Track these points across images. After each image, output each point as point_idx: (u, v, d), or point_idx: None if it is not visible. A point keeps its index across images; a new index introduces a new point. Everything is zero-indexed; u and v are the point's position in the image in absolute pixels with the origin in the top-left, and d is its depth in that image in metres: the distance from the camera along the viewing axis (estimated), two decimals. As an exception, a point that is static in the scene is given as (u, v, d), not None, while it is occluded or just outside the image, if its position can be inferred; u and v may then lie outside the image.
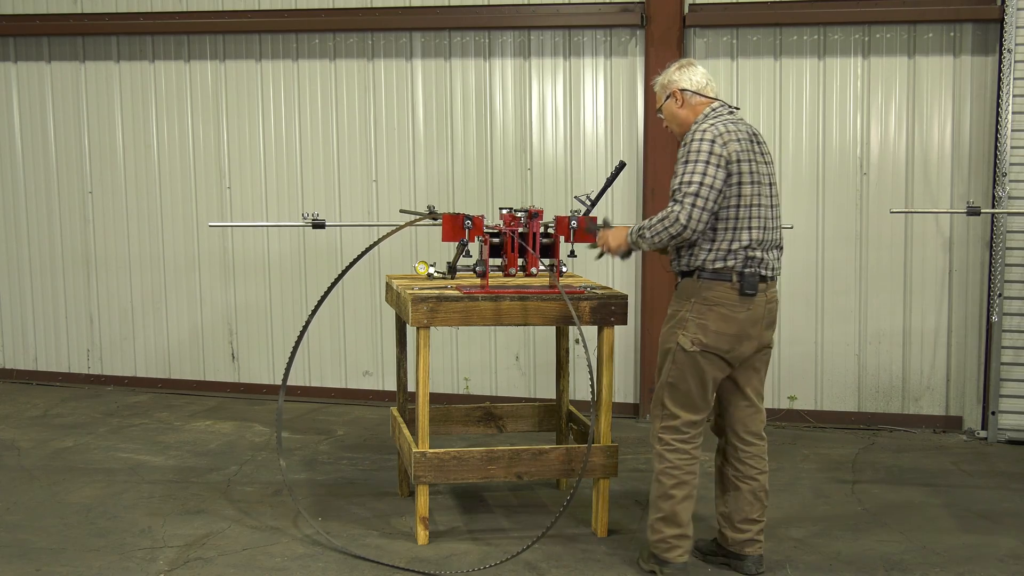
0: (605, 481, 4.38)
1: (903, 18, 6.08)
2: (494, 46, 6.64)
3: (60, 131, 7.29)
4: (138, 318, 7.31)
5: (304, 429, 6.27)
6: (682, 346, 3.77)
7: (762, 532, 3.97)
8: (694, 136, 3.72)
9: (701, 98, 3.88)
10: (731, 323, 3.73)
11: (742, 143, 3.72)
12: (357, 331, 7.00)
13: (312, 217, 5.00)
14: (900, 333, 6.26)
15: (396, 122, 6.80)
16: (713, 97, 3.90)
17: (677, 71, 3.93)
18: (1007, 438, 6.00)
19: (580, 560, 4.14)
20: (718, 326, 3.73)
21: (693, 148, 3.68)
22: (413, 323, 4.15)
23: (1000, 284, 5.92)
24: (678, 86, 3.89)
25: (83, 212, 7.31)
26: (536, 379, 6.75)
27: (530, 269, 4.42)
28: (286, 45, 6.89)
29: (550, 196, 6.52)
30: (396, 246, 6.72)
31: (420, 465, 4.22)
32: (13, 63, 7.30)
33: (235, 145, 7.03)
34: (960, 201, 6.03)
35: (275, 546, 4.28)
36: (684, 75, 3.90)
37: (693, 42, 6.34)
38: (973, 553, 4.23)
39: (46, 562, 4.09)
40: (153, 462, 5.52)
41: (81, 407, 6.80)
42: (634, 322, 6.52)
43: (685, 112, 3.90)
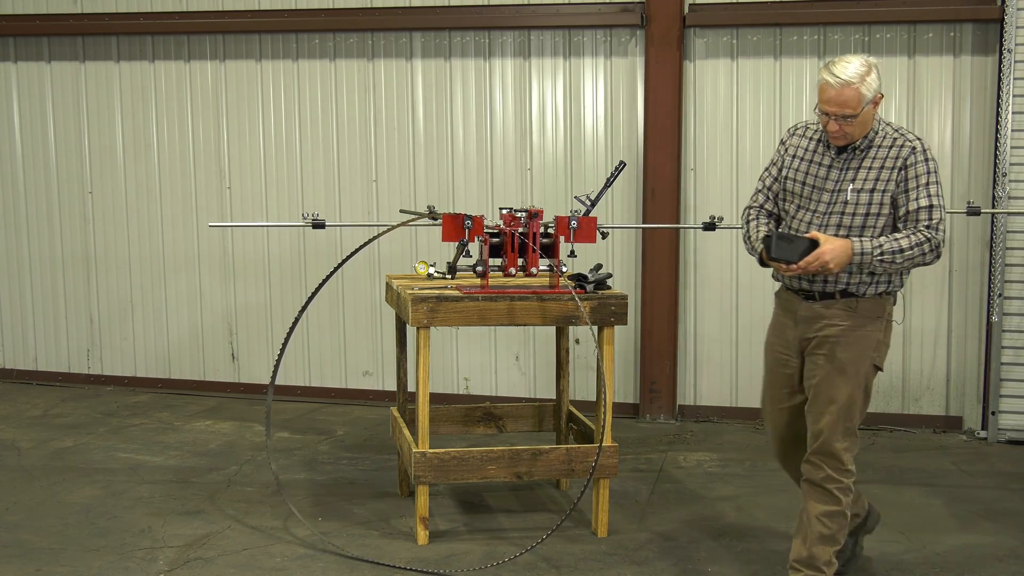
0: (605, 481, 4.38)
1: (903, 18, 6.08)
2: (494, 46, 6.64)
3: (60, 131, 7.29)
4: (138, 318, 7.31)
5: (304, 429, 6.27)
6: (879, 368, 3.63)
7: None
8: (926, 155, 3.50)
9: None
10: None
11: None
12: (357, 331, 6.99)
13: (312, 217, 5.00)
14: (900, 333, 6.26)
15: (396, 122, 6.80)
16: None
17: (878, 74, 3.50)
18: (1007, 438, 6.00)
19: (580, 560, 4.14)
20: (889, 340, 3.67)
21: (931, 168, 3.49)
22: (413, 323, 4.15)
23: (1000, 284, 5.92)
24: (880, 92, 3.52)
25: (83, 212, 7.31)
26: (536, 379, 6.75)
27: (530, 269, 4.42)
28: (286, 45, 6.89)
29: (550, 196, 6.52)
30: (396, 246, 6.72)
31: (420, 465, 4.22)
32: (13, 63, 7.30)
33: (235, 145, 7.03)
34: (960, 201, 6.02)
35: (275, 546, 4.28)
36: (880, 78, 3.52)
37: (693, 42, 6.34)
38: (973, 553, 4.23)
39: (46, 562, 4.09)
40: (153, 462, 5.52)
41: (81, 407, 6.80)
42: (634, 322, 6.52)
43: (872, 119, 3.56)
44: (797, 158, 3.72)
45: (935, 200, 3.47)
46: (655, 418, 6.51)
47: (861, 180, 3.54)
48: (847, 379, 3.56)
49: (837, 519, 3.61)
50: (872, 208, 3.52)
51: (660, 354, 6.46)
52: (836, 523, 3.61)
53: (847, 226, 3.54)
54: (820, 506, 3.61)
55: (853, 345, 3.56)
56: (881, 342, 3.61)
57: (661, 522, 4.61)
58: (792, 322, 3.69)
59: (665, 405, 6.50)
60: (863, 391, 3.60)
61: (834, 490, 3.59)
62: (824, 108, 3.50)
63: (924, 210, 3.47)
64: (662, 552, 4.25)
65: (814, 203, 3.63)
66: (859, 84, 3.43)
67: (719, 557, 4.18)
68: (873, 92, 3.47)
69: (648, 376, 6.50)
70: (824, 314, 3.59)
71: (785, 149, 3.78)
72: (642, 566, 4.10)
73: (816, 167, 3.65)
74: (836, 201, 3.57)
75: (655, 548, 4.29)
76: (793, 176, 3.71)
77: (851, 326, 3.57)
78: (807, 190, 3.65)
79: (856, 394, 3.58)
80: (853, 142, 3.56)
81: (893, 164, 3.51)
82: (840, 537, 3.63)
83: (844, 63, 3.47)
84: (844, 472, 3.59)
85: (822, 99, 3.49)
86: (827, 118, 3.50)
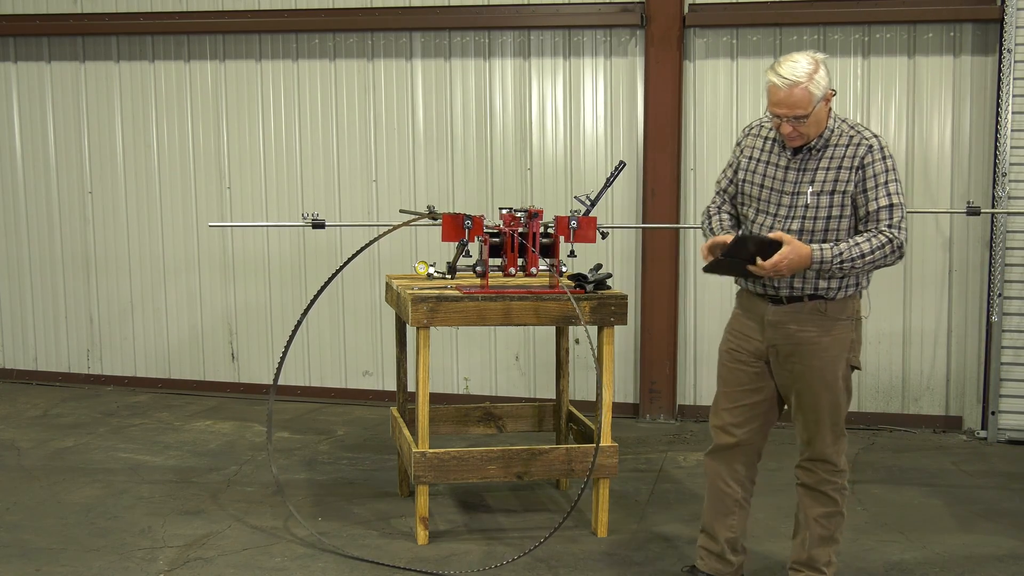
0: (605, 481, 4.38)
1: (903, 18, 6.08)
2: (494, 46, 6.64)
3: (60, 131, 7.29)
4: (138, 318, 7.31)
5: (304, 429, 6.27)
6: (856, 368, 3.59)
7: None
8: (883, 152, 3.42)
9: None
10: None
11: None
12: (357, 331, 6.99)
13: (312, 217, 5.01)
14: (900, 333, 6.26)
15: (396, 122, 6.80)
16: None
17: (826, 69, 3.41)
18: (1007, 438, 6.00)
19: (580, 560, 4.14)
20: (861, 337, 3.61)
21: (889, 165, 3.41)
22: (413, 323, 4.15)
23: (1000, 284, 5.92)
24: (831, 87, 3.44)
25: (83, 212, 7.31)
26: (536, 379, 6.75)
27: (530, 269, 4.41)
28: (286, 45, 6.89)
29: (550, 196, 6.52)
30: (396, 246, 6.71)
31: (420, 465, 4.22)
32: (13, 63, 7.30)
33: (235, 145, 7.03)
34: (960, 201, 6.03)
35: (275, 546, 4.28)
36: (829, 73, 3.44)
37: (693, 42, 6.34)
38: (973, 553, 4.23)
39: (46, 562, 4.09)
40: (153, 462, 5.52)
41: (81, 407, 6.80)
42: (634, 322, 6.52)
43: (828, 115, 3.48)
44: (753, 159, 3.61)
45: (895, 199, 3.39)
46: (655, 418, 6.51)
47: (820, 182, 3.45)
48: (827, 385, 3.52)
49: (835, 519, 3.61)
50: (833, 211, 3.44)
51: (660, 354, 6.46)
52: (834, 523, 3.61)
53: (810, 230, 3.45)
54: (817, 508, 3.61)
55: (827, 350, 3.50)
56: (855, 341, 3.56)
57: (661, 522, 4.61)
58: (758, 326, 3.59)
59: (665, 405, 6.50)
60: (845, 392, 3.57)
61: (829, 491, 3.58)
62: (775, 111, 3.40)
63: (884, 210, 3.39)
64: (662, 552, 4.25)
65: (773, 206, 3.53)
66: (807, 83, 3.34)
67: (719, 557, 4.18)
68: (823, 89, 3.37)
69: (648, 376, 6.50)
70: (793, 319, 3.51)
71: (740, 150, 3.68)
72: (642, 566, 4.10)
73: (773, 168, 3.55)
74: (796, 204, 3.48)
75: (655, 548, 4.29)
76: (750, 179, 3.60)
77: (822, 330, 3.50)
78: (765, 192, 3.55)
79: (838, 398, 3.56)
80: (809, 142, 3.48)
81: (851, 164, 3.42)
82: (839, 536, 3.64)
83: (790, 62, 3.37)
84: (837, 473, 3.58)
85: (772, 101, 3.40)
86: (779, 120, 3.41)
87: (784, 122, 3.40)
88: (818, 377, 3.52)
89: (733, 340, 3.71)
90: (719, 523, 3.76)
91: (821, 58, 3.40)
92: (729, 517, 3.75)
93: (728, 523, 3.76)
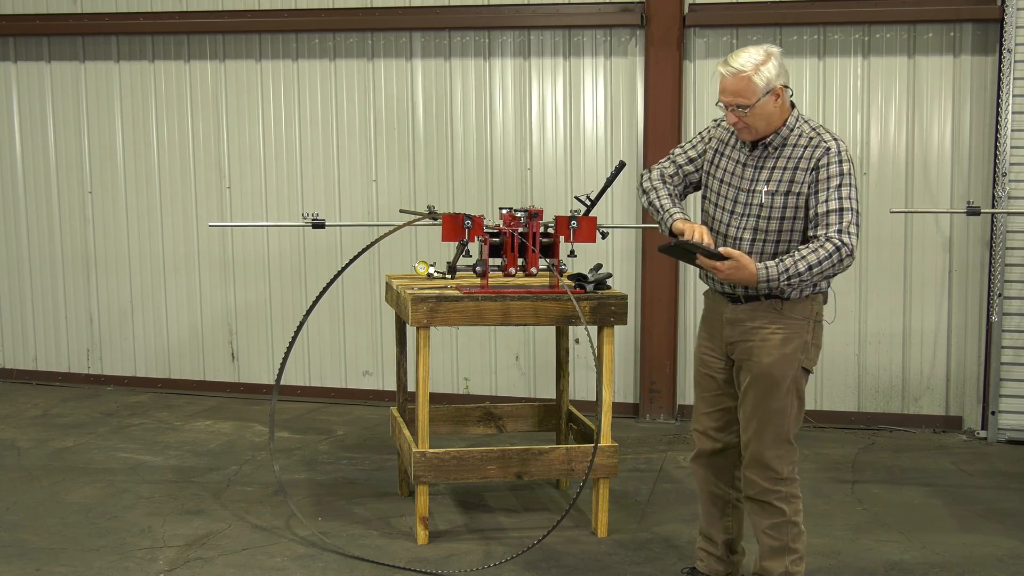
0: (605, 481, 4.38)
1: (903, 18, 6.08)
2: (494, 46, 6.64)
3: (60, 131, 7.29)
4: (138, 318, 7.31)
5: (304, 429, 6.27)
6: (808, 370, 3.49)
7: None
8: (840, 156, 3.35)
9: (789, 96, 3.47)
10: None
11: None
12: (357, 331, 6.99)
13: (312, 217, 5.01)
14: (900, 333, 6.26)
15: (396, 122, 6.80)
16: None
17: (774, 62, 3.37)
18: (1007, 438, 6.00)
19: (580, 560, 4.14)
20: (819, 341, 3.53)
21: (845, 170, 3.33)
22: (413, 323, 4.15)
23: (1000, 284, 5.92)
24: (780, 82, 3.39)
25: (83, 212, 7.31)
26: (536, 379, 6.75)
27: (530, 269, 4.41)
28: (286, 45, 6.89)
29: (550, 196, 6.52)
30: (396, 246, 6.71)
31: (420, 465, 4.22)
32: (13, 63, 7.30)
33: (235, 145, 7.03)
34: (960, 201, 6.02)
35: (275, 546, 4.28)
36: (783, 69, 3.40)
37: (693, 42, 6.34)
38: (973, 553, 4.23)
39: (46, 562, 4.09)
40: (153, 462, 5.52)
41: (81, 407, 6.80)
42: (634, 322, 6.52)
43: (779, 111, 3.43)
44: (718, 153, 3.60)
45: (846, 203, 3.32)
46: (655, 418, 6.51)
47: (776, 181, 3.42)
48: (775, 384, 3.46)
49: (783, 529, 3.50)
50: (787, 212, 3.40)
51: (660, 354, 6.46)
52: (783, 533, 3.50)
53: (763, 230, 3.43)
54: (763, 520, 3.53)
55: (778, 349, 3.44)
56: (809, 344, 3.47)
57: (661, 522, 4.61)
58: (719, 324, 3.58)
59: (665, 405, 6.50)
60: (794, 396, 3.48)
61: (774, 501, 3.49)
62: (720, 98, 3.41)
63: (834, 213, 3.32)
64: (662, 552, 4.25)
65: (730, 202, 3.51)
66: (752, 73, 3.33)
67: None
68: (767, 81, 3.35)
69: (648, 376, 6.50)
70: (749, 317, 3.48)
71: (708, 140, 3.67)
72: (642, 566, 4.10)
73: (732, 163, 3.54)
74: (751, 202, 3.46)
75: (655, 548, 4.29)
76: (713, 172, 3.60)
77: (775, 330, 3.45)
78: (724, 187, 3.55)
79: (785, 400, 3.47)
80: (761, 137, 3.45)
81: (807, 165, 3.37)
82: (795, 546, 3.50)
83: (740, 52, 3.38)
84: (780, 482, 3.49)
85: (719, 90, 3.41)
86: (725, 109, 3.42)
87: (729, 111, 3.41)
88: (767, 375, 3.45)
89: (702, 344, 3.70)
90: (715, 526, 3.75)
91: (775, 51, 3.39)
92: (724, 519, 3.75)
93: (724, 525, 3.75)
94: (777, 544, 3.51)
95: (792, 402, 3.48)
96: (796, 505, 3.52)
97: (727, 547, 3.77)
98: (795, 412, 3.50)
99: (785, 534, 3.51)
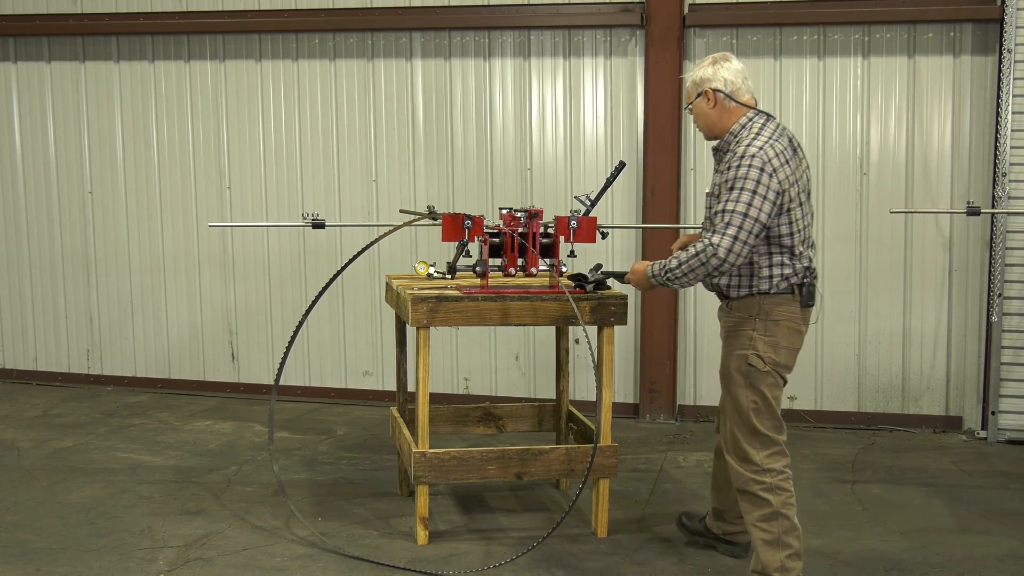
0: (605, 481, 4.38)
1: (903, 18, 6.08)
2: (494, 46, 6.64)
3: (60, 131, 7.29)
4: (138, 318, 7.31)
5: (304, 429, 6.27)
6: (754, 366, 3.56)
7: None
8: (742, 161, 3.43)
9: (735, 104, 3.62)
10: (798, 337, 3.61)
11: (789, 164, 3.50)
12: (357, 331, 7.00)
13: (312, 217, 5.00)
14: (900, 333, 6.26)
15: (396, 122, 6.80)
16: (749, 105, 3.64)
17: (711, 67, 3.63)
18: (1007, 438, 6.00)
19: (580, 560, 4.14)
20: (788, 341, 3.58)
21: (740, 174, 3.41)
22: (413, 323, 4.15)
23: (1000, 284, 5.92)
24: (711, 85, 3.60)
25: (83, 212, 7.31)
26: (536, 379, 6.75)
27: (530, 269, 4.42)
28: (286, 45, 6.89)
29: (550, 196, 6.52)
30: (396, 246, 6.72)
31: (420, 465, 4.22)
32: (13, 63, 7.30)
33: (235, 145, 7.03)
34: (960, 201, 6.03)
35: (275, 546, 4.28)
36: (718, 72, 3.61)
37: (693, 42, 6.34)
38: (973, 553, 4.23)
39: (46, 562, 4.09)
40: (153, 462, 5.52)
41: (81, 407, 6.80)
42: (634, 322, 6.52)
43: (717, 114, 3.63)
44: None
45: (730, 205, 3.40)
46: (655, 418, 6.51)
47: (713, 184, 3.66)
48: (728, 379, 3.64)
49: (773, 521, 3.55)
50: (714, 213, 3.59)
51: (660, 354, 6.46)
52: (773, 525, 3.54)
53: (708, 229, 3.56)
54: (753, 511, 3.60)
55: (727, 345, 3.66)
56: (756, 340, 3.55)
57: (661, 522, 4.61)
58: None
59: (665, 405, 6.50)
60: (751, 390, 3.57)
61: (759, 492, 3.56)
62: None
63: (719, 215, 3.44)
64: (662, 552, 4.25)
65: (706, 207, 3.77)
66: (688, 76, 3.70)
67: (719, 557, 4.18)
68: (695, 84, 3.62)
69: (648, 376, 6.50)
70: (721, 314, 3.76)
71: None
72: (642, 566, 4.10)
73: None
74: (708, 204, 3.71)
75: (655, 548, 4.29)
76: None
77: (726, 327, 3.68)
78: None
79: (743, 394, 3.57)
80: (709, 138, 3.73)
81: (724, 168, 3.55)
82: (788, 540, 3.54)
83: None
84: (762, 472, 3.56)
85: None
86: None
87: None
88: (723, 370, 3.70)
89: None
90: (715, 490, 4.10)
91: (720, 56, 3.65)
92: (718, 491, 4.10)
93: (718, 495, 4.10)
94: (769, 537, 3.55)
95: (748, 395, 3.58)
96: (784, 497, 3.56)
97: (715, 514, 4.14)
98: (758, 406, 3.58)
99: (776, 527, 3.55)
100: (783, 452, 3.62)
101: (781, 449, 3.62)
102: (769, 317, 3.56)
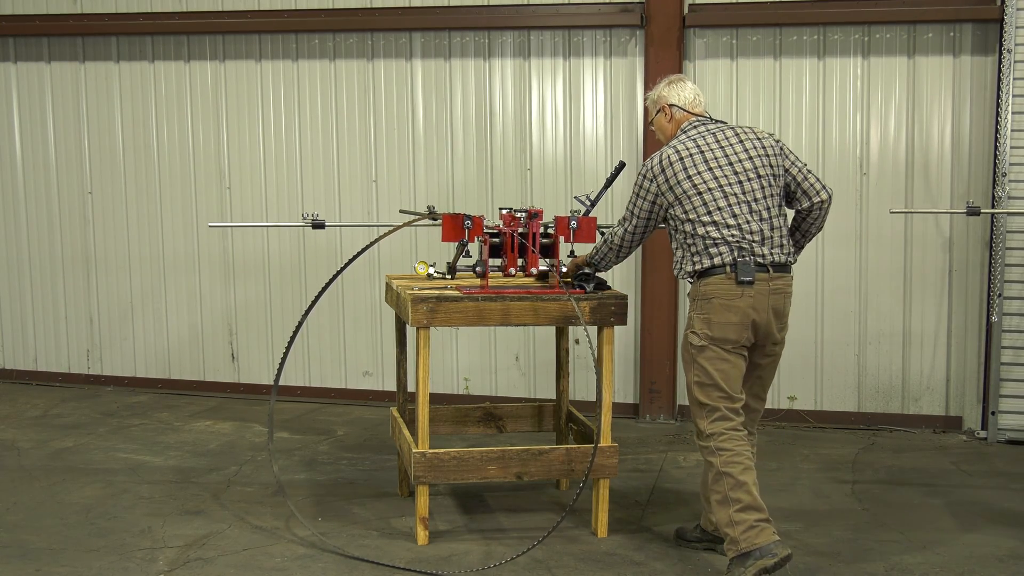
0: (605, 481, 4.38)
1: (903, 18, 6.08)
2: (494, 46, 6.64)
3: (60, 131, 7.29)
4: (138, 318, 7.31)
5: (304, 429, 6.27)
6: (691, 343, 3.89)
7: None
8: (641, 168, 4.01)
9: (683, 112, 4.06)
10: (733, 311, 3.81)
11: (691, 158, 3.87)
12: (357, 331, 7.00)
13: (312, 217, 5.00)
14: (900, 333, 6.26)
15: (396, 122, 6.80)
16: (697, 113, 4.06)
17: (667, 87, 4.11)
18: (1007, 438, 6.00)
19: (580, 560, 4.14)
20: (721, 317, 3.82)
21: (636, 179, 4.03)
22: (413, 323, 4.15)
23: (1000, 284, 5.92)
24: (667, 101, 4.08)
25: (83, 212, 7.31)
26: (536, 379, 6.75)
27: (530, 269, 4.42)
28: (286, 45, 6.89)
29: (550, 196, 6.52)
30: (396, 246, 6.72)
31: (420, 465, 4.22)
32: (13, 63, 7.30)
33: (235, 145, 7.03)
34: (960, 201, 6.03)
35: (275, 546, 4.28)
36: (673, 91, 4.09)
37: (693, 42, 6.34)
38: (973, 553, 4.23)
39: (46, 562, 4.09)
40: (153, 462, 5.52)
41: (81, 407, 6.80)
42: (634, 322, 6.52)
43: (671, 126, 4.09)
44: None
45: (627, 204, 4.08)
46: (655, 418, 6.51)
47: None
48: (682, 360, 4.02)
49: (718, 480, 3.79)
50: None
51: (660, 354, 6.46)
52: (720, 484, 3.79)
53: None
54: (707, 478, 3.89)
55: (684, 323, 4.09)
56: (693, 318, 3.91)
57: (661, 522, 4.61)
58: None
59: (665, 405, 6.50)
60: (694, 364, 3.89)
61: (705, 456, 3.89)
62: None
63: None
64: (662, 552, 4.25)
65: None
66: (649, 96, 4.20)
67: (718, 557, 4.18)
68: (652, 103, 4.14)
69: (648, 376, 6.50)
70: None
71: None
72: (642, 566, 4.10)
73: None
74: None
75: (655, 548, 4.29)
76: None
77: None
78: None
79: (689, 370, 3.93)
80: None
81: None
82: (735, 495, 3.72)
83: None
84: (705, 437, 3.88)
85: None
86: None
87: None
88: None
89: None
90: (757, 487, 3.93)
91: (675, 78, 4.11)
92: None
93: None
94: (719, 496, 3.79)
95: (692, 370, 3.92)
96: (725, 457, 3.81)
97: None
98: (701, 379, 3.88)
99: (722, 485, 3.79)
100: (726, 416, 3.85)
101: (724, 414, 3.85)
102: (703, 296, 3.87)
